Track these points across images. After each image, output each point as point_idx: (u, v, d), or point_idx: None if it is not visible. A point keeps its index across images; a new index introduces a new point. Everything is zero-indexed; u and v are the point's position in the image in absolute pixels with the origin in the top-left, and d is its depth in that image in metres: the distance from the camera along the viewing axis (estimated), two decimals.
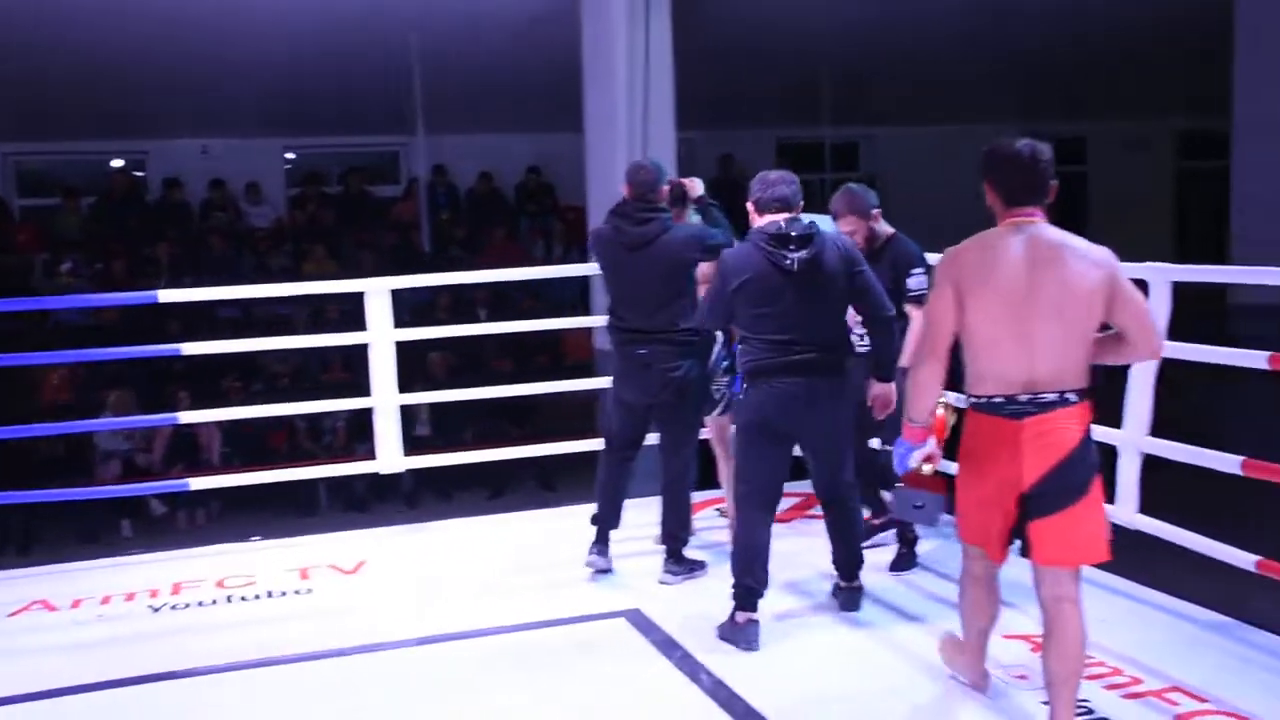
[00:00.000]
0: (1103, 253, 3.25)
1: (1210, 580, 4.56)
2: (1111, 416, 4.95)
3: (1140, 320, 3.28)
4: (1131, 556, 4.94)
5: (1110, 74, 12.47)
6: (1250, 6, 11.40)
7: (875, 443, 4.96)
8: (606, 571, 5.11)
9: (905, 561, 5.08)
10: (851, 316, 4.58)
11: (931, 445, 3.60)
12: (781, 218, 4.31)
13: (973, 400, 3.36)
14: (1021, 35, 12.44)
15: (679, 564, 5.08)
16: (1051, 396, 3.22)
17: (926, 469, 3.67)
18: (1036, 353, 3.20)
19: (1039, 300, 3.19)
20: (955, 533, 3.61)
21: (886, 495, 5.07)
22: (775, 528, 4.48)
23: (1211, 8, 11.59)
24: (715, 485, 5.73)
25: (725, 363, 5.29)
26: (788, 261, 4.22)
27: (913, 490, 3.82)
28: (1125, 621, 4.40)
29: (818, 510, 5.95)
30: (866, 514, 5.07)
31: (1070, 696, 3.31)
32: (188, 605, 5.05)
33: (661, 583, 5.02)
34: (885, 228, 4.98)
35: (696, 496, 5.88)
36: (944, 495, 3.75)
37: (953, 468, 3.55)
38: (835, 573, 4.67)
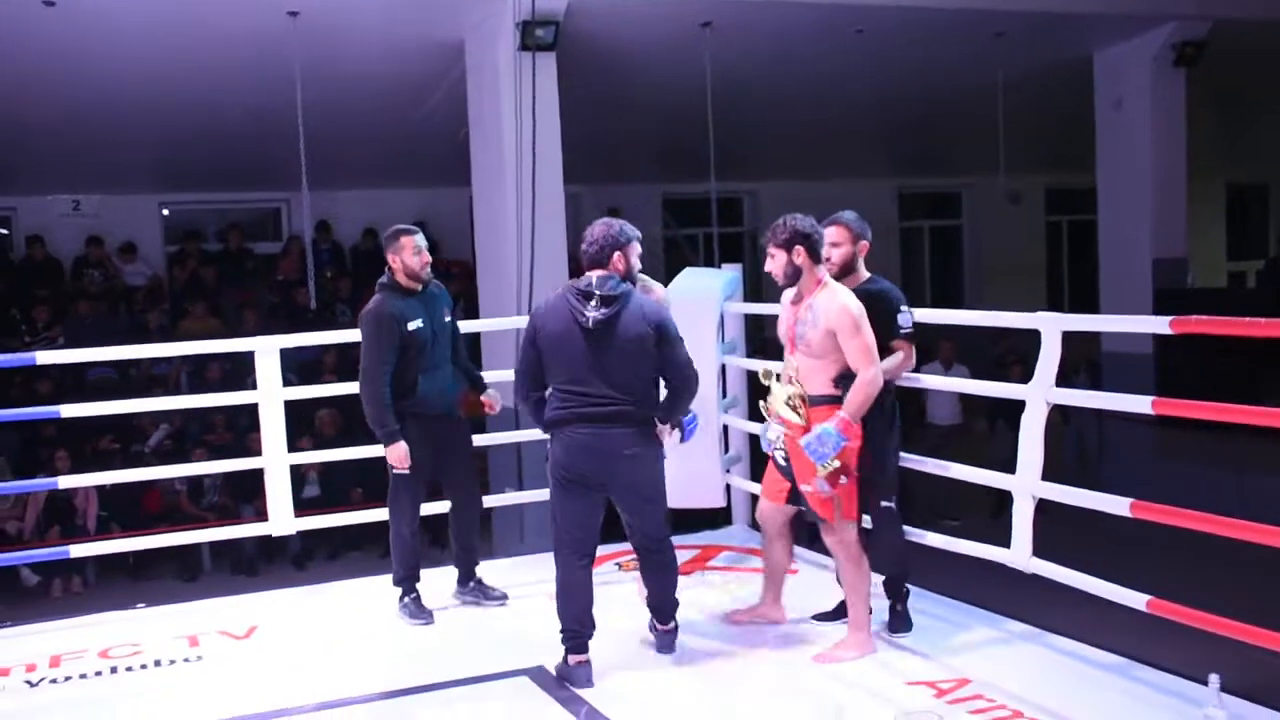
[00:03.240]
0: None
1: (1104, 620, 4.68)
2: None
3: None
4: (1027, 599, 5.08)
5: (983, 134, 12.95)
6: (1105, 75, 12.20)
7: (890, 503, 4.79)
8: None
9: (902, 622, 4.85)
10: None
11: None
12: (596, 274, 4.48)
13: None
14: (900, 96, 12.82)
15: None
16: None
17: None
18: None
19: None
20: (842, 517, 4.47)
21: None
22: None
23: (1075, 75, 12.24)
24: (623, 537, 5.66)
25: None
26: (583, 318, 4.36)
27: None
28: (1022, 662, 4.49)
29: (719, 561, 6.00)
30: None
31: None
32: (69, 678, 4.81)
33: None
34: (863, 270, 4.80)
35: (602, 549, 5.82)
36: None
37: None
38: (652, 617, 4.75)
